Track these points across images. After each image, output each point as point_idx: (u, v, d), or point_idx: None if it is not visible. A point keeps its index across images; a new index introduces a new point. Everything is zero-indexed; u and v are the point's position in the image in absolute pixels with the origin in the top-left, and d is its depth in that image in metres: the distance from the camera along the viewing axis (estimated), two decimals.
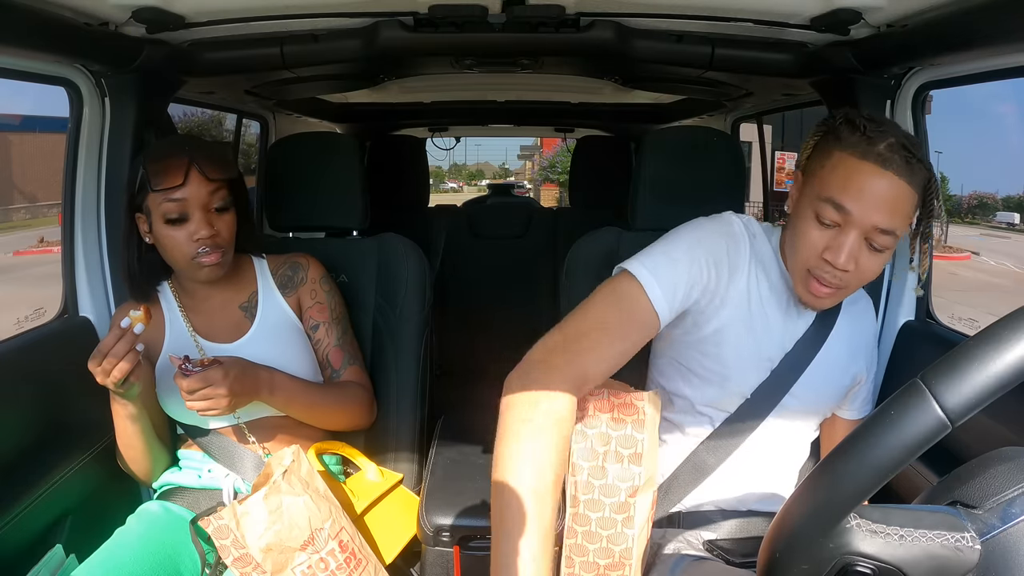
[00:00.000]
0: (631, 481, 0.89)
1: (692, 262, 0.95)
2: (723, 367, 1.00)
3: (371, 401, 1.24)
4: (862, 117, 0.90)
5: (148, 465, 1.13)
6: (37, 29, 0.99)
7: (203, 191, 1.06)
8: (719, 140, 1.42)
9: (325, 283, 1.23)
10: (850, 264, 0.89)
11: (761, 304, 1.00)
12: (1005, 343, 0.45)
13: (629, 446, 0.88)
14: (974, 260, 15.46)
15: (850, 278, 0.92)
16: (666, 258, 0.94)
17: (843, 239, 0.89)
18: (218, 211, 1.08)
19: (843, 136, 0.90)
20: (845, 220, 0.88)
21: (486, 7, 1.13)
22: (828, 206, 0.89)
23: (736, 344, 1.00)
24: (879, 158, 0.86)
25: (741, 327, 0.99)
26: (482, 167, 47.94)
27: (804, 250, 0.92)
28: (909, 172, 0.87)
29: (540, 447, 0.78)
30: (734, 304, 0.99)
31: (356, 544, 0.99)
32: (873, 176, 0.87)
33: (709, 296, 0.97)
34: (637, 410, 0.88)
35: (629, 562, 0.90)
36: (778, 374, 1.02)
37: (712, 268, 0.96)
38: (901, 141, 0.87)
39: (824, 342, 1.03)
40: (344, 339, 1.23)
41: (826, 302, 0.96)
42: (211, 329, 1.15)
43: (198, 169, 1.05)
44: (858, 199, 0.87)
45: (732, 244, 0.99)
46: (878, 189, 0.87)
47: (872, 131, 0.87)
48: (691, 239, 0.97)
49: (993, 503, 0.51)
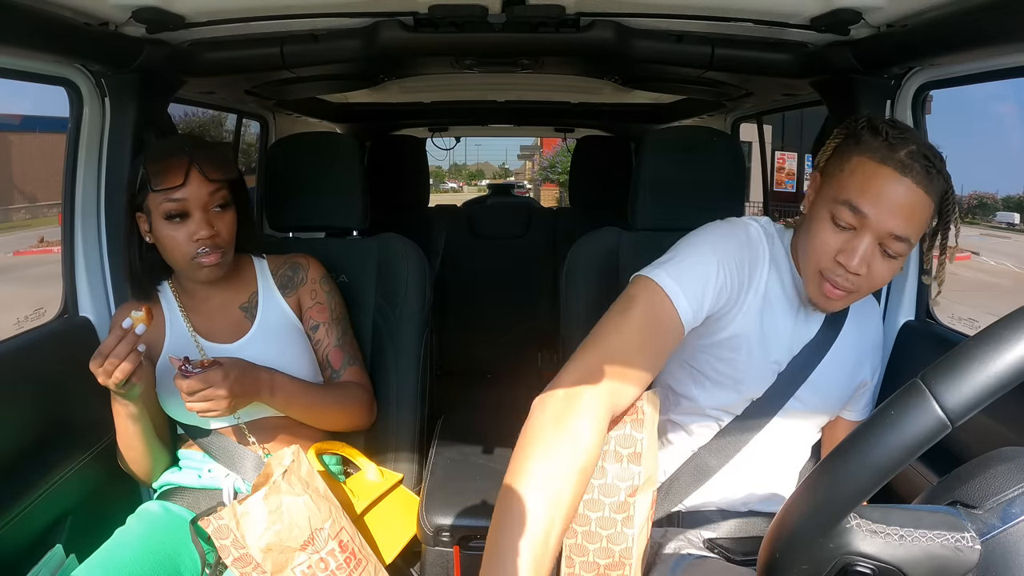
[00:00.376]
0: (630, 481, 0.89)
1: (715, 269, 0.93)
2: (736, 371, 1.00)
3: (371, 401, 1.24)
4: (885, 123, 0.90)
5: (148, 465, 1.13)
6: (37, 29, 0.99)
7: (203, 191, 1.06)
8: (719, 140, 1.42)
9: (325, 283, 1.23)
10: (862, 268, 0.89)
11: (772, 307, 1.00)
12: (1005, 343, 0.45)
13: (628, 445, 0.88)
14: (974, 260, 15.44)
15: (861, 282, 0.91)
16: (689, 265, 0.92)
17: (857, 243, 0.89)
18: (218, 211, 1.08)
19: (864, 140, 0.89)
20: (861, 223, 0.88)
21: (486, 7, 1.13)
22: (845, 208, 0.89)
23: (750, 349, 0.99)
24: (899, 164, 0.86)
25: (755, 332, 0.99)
26: (482, 167, 47.93)
27: (818, 251, 0.92)
28: (928, 181, 0.86)
29: (566, 494, 0.71)
30: (751, 310, 0.98)
31: (356, 544, 0.99)
32: (891, 181, 0.86)
33: (729, 303, 0.96)
34: (636, 409, 0.88)
35: (629, 562, 0.90)
36: (784, 377, 1.01)
37: (734, 275, 0.95)
38: (922, 150, 0.87)
39: (831, 346, 1.03)
40: (344, 339, 1.23)
41: (836, 304, 0.96)
42: (211, 329, 1.15)
43: (198, 169, 1.05)
44: (875, 203, 0.87)
45: (751, 250, 0.99)
46: (896, 195, 0.86)
47: (894, 137, 0.87)
48: (711, 245, 0.96)
49: (993, 503, 0.51)
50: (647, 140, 1.38)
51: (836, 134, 0.96)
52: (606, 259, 1.28)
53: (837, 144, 0.94)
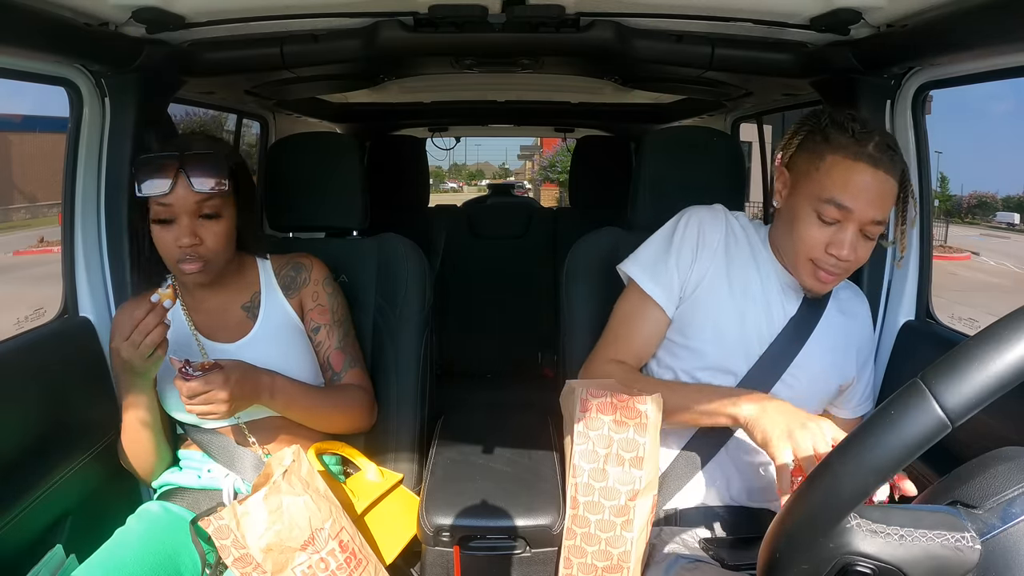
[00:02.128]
0: (631, 485, 0.89)
1: (676, 253, 1.09)
2: (702, 338, 1.08)
3: (372, 404, 1.24)
4: (847, 117, 0.97)
5: (151, 462, 1.13)
6: (37, 29, 0.99)
7: (190, 199, 1.05)
8: (719, 140, 1.42)
9: (328, 285, 1.23)
10: (852, 255, 0.98)
11: (745, 284, 1.08)
12: (1005, 343, 0.45)
13: (631, 449, 0.89)
14: (974, 260, 15.43)
15: (850, 265, 1.01)
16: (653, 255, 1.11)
17: (843, 235, 0.97)
18: (205, 220, 1.07)
19: (832, 138, 0.97)
20: (845, 216, 0.97)
21: (486, 7, 1.13)
22: (830, 206, 0.97)
23: (716, 318, 1.07)
24: (871, 158, 0.95)
25: (717, 297, 1.08)
26: (482, 167, 47.91)
27: (807, 244, 1.00)
28: (893, 167, 0.96)
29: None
30: (710, 281, 1.08)
31: (356, 544, 0.99)
32: (867, 175, 0.95)
33: (691, 283, 1.09)
34: (640, 414, 0.89)
35: (627, 565, 0.91)
36: (768, 360, 1.05)
37: (689, 253, 1.09)
38: (885, 140, 0.97)
39: (814, 328, 1.08)
40: (345, 342, 1.22)
41: (829, 287, 1.05)
42: (212, 328, 1.15)
43: (186, 177, 1.04)
44: (857, 197, 0.95)
45: (706, 226, 1.10)
46: (872, 187, 0.95)
47: (860, 133, 0.96)
48: (669, 231, 1.12)
49: (993, 503, 0.51)
50: (647, 140, 1.38)
51: (798, 129, 1.03)
52: (606, 259, 1.28)
53: (802, 140, 1.02)
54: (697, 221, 1.10)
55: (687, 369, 1.09)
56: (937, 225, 8.75)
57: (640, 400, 0.89)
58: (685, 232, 1.10)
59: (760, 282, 1.08)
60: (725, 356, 1.06)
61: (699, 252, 1.09)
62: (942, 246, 15.37)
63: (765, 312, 1.07)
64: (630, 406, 0.89)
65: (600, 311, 1.26)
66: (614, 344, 1.12)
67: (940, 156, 23.49)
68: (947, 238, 16.80)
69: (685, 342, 1.09)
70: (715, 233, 1.09)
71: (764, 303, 1.07)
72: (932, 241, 1.34)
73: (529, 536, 1.05)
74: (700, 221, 1.10)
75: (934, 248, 1.37)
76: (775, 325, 1.07)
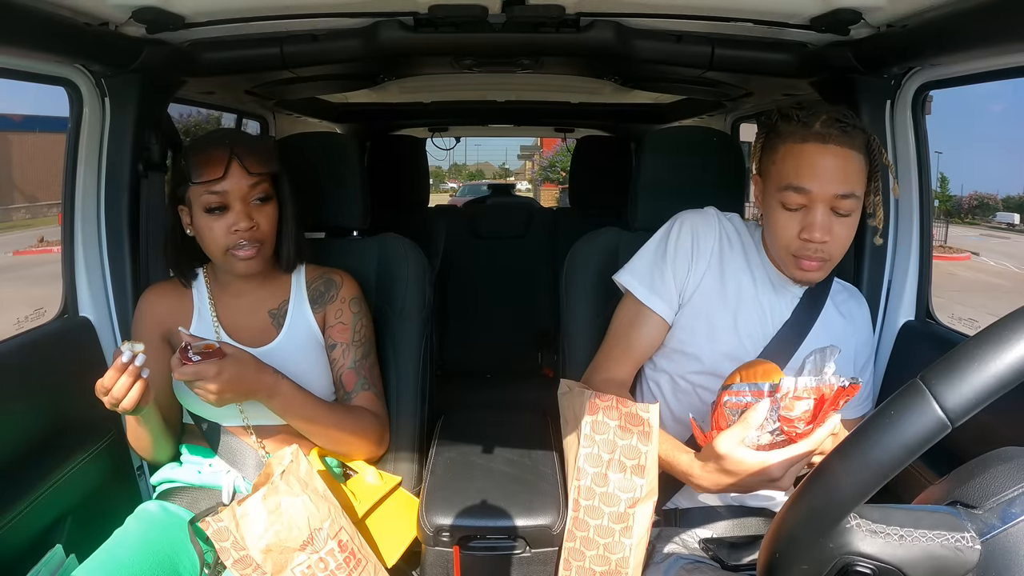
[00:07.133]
0: (632, 492, 0.89)
1: (671, 261, 1.09)
2: (697, 343, 1.08)
3: (382, 432, 1.20)
4: (792, 107, 0.99)
5: (155, 452, 1.15)
6: (37, 29, 0.99)
7: (243, 183, 1.06)
8: (719, 140, 1.42)
9: (355, 305, 1.21)
10: (827, 236, 0.98)
11: (739, 287, 1.08)
12: (1005, 343, 0.45)
13: (633, 457, 0.89)
14: (974, 260, 15.44)
15: (830, 248, 1.00)
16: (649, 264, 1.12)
17: (812, 217, 0.97)
18: (258, 203, 1.09)
19: (782, 129, 0.99)
20: (808, 199, 0.97)
21: (486, 7, 1.13)
22: (789, 192, 0.98)
23: (710, 322, 1.07)
24: (818, 136, 0.96)
25: (712, 301, 1.08)
26: (482, 167, 47.90)
27: (783, 237, 1.01)
28: (848, 138, 0.96)
29: None
30: (705, 287, 1.08)
31: (355, 544, 0.99)
32: (817, 153, 0.96)
33: (687, 290, 1.09)
34: (643, 421, 0.89)
35: (625, 571, 0.91)
36: (768, 356, 1.04)
37: (684, 260, 1.09)
38: (833, 115, 0.96)
39: (812, 325, 1.08)
40: (362, 363, 1.19)
41: (818, 275, 1.03)
42: (237, 328, 1.15)
43: (239, 162, 1.06)
44: (812, 176, 0.96)
45: (700, 231, 1.10)
46: (826, 163, 0.96)
47: (804, 116, 0.97)
48: (663, 239, 1.12)
49: (993, 503, 0.51)
50: (647, 140, 1.38)
51: (758, 135, 1.05)
52: (606, 259, 1.28)
53: (763, 143, 1.04)
54: (690, 227, 1.10)
55: (681, 373, 1.09)
56: (937, 225, 8.73)
57: (643, 408, 0.89)
58: (679, 239, 1.10)
59: (753, 284, 1.08)
60: (719, 360, 1.05)
61: (694, 259, 1.09)
62: (942, 246, 15.36)
63: (758, 315, 1.07)
64: (634, 413, 0.90)
65: (600, 311, 1.26)
66: (615, 352, 1.12)
67: (940, 156, 23.47)
68: (947, 238, 16.80)
69: (680, 347, 1.09)
70: (709, 239, 1.10)
71: (757, 305, 1.08)
72: (932, 241, 1.34)
73: (529, 536, 1.04)
74: (693, 227, 1.10)
75: (934, 248, 1.37)
76: (768, 328, 1.07)
